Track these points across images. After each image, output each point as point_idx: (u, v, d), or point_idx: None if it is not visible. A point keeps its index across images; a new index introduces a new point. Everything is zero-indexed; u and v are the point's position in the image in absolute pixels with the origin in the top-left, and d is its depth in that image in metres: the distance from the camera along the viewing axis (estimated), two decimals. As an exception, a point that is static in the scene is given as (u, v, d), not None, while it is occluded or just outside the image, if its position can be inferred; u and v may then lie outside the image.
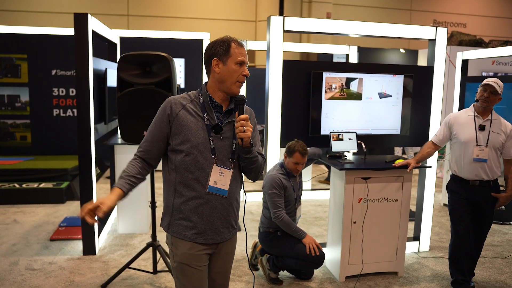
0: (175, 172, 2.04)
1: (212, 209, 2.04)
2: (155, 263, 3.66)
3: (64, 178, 6.14)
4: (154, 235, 3.62)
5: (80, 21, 3.83)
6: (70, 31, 6.33)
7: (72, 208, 5.58)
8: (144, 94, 3.24)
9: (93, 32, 4.06)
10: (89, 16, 3.86)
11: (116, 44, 5.41)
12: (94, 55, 4.08)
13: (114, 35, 5.20)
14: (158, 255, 3.67)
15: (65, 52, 6.91)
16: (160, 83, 3.25)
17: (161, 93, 3.23)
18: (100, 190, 6.44)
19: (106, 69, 4.47)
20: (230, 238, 2.17)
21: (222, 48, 2.02)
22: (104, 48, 5.46)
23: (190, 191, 2.02)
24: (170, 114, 2.02)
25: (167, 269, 3.61)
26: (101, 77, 4.39)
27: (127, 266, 3.59)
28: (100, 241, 4.36)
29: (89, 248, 4.12)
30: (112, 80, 4.59)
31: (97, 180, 6.94)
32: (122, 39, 6.12)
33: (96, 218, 1.93)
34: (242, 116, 1.95)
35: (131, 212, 4.68)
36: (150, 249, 3.84)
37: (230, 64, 2.01)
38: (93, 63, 4.04)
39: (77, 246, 4.30)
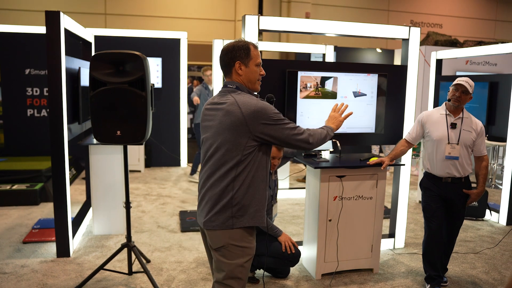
0: (260, 166, 2.30)
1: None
2: (130, 264, 3.62)
3: (38, 179, 6.03)
4: (129, 236, 3.58)
5: (52, 19, 3.76)
6: (43, 29, 6.22)
7: (46, 210, 5.48)
8: (117, 93, 3.20)
9: (66, 30, 3.99)
10: (61, 14, 3.80)
11: (90, 43, 5.34)
12: (67, 54, 4.01)
13: (88, 33, 5.12)
14: (133, 256, 3.63)
15: (39, 51, 6.76)
16: (134, 82, 3.21)
17: (135, 92, 3.20)
18: (75, 192, 6.36)
19: (79, 68, 4.41)
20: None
21: (243, 51, 2.27)
22: (79, 47, 5.39)
23: (264, 184, 2.36)
24: None
25: (142, 270, 3.57)
26: (74, 76, 4.32)
27: (101, 267, 3.54)
28: (75, 243, 4.29)
29: (63, 250, 4.05)
30: (86, 80, 4.52)
31: (72, 181, 6.85)
32: (98, 38, 6.05)
33: None
34: None
35: (106, 213, 4.62)
36: (126, 250, 3.80)
37: (251, 66, 2.30)
38: (66, 62, 3.97)
39: (51, 248, 4.23)
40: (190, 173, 7.30)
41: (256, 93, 2.37)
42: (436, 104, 6.13)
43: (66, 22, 3.97)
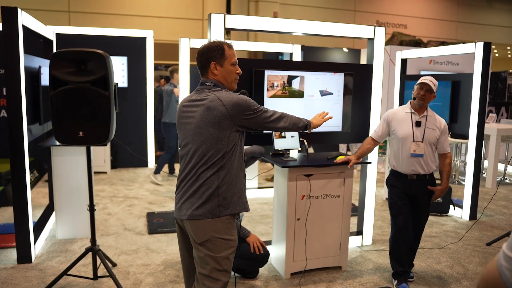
0: (237, 157, 2.39)
1: None
2: (95, 268, 3.51)
3: (-2, 182, 5.79)
4: (93, 240, 3.48)
5: (9, 15, 3.61)
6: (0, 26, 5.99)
7: (6, 215, 5.28)
8: (79, 93, 3.10)
9: (24, 27, 3.84)
10: (19, 10, 3.65)
11: (52, 41, 5.16)
12: (26, 52, 3.86)
13: (49, 31, 4.95)
14: (98, 260, 3.53)
15: (-2, 49, 6.53)
16: (96, 81, 3.12)
17: (97, 91, 3.11)
18: (38, 195, 6.15)
19: (40, 67, 4.25)
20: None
21: (218, 52, 2.33)
22: (40, 45, 5.20)
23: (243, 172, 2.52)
24: None
25: (107, 274, 3.48)
26: (34, 75, 4.16)
27: (64, 273, 3.42)
28: (37, 248, 4.14)
29: (24, 256, 3.90)
30: (47, 79, 4.37)
31: (34, 184, 6.62)
32: (60, 36, 5.86)
33: None
34: None
35: (70, 216, 4.48)
36: (91, 254, 3.70)
37: (226, 66, 2.35)
38: (25, 61, 3.82)
39: (11, 254, 4.07)
40: (154, 172, 7.08)
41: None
42: (402, 102, 6.24)
43: (25, 19, 3.82)
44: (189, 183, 2.32)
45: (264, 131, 2.50)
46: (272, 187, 6.53)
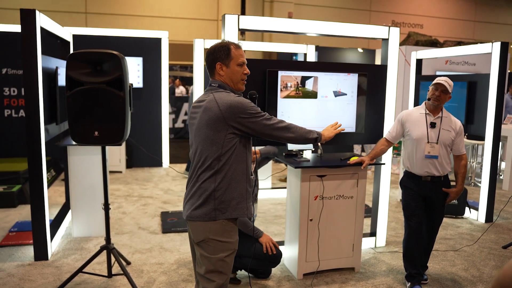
0: (242, 158, 2.36)
1: None
2: (109, 266, 3.56)
3: (15, 181, 5.90)
4: (108, 238, 3.53)
5: (27, 17, 3.68)
6: (19, 28, 6.09)
7: (24, 213, 5.37)
8: (95, 93, 3.14)
9: (42, 29, 3.91)
10: (37, 12, 3.72)
11: (69, 42, 5.24)
12: (44, 53, 3.93)
13: (66, 32, 5.03)
14: (113, 259, 3.58)
15: (17, 50, 6.63)
16: (111, 82, 3.16)
17: (112, 92, 3.15)
18: (55, 193, 6.25)
19: (57, 67, 4.32)
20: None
21: (223, 52, 2.29)
22: (57, 46, 5.29)
23: (247, 177, 2.44)
24: None
25: (122, 272, 3.52)
26: (51, 76, 4.24)
27: (80, 270, 3.48)
28: (53, 246, 4.22)
29: (41, 253, 3.97)
30: (63, 79, 4.44)
31: (51, 182, 6.73)
32: (77, 37, 5.96)
33: None
34: None
35: (85, 215, 4.55)
36: (105, 252, 3.75)
37: (232, 66, 2.31)
38: (43, 62, 3.89)
39: (28, 251, 4.14)
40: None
41: (240, 92, 2.40)
42: (417, 103, 6.19)
43: (43, 21, 3.89)
44: (191, 184, 2.36)
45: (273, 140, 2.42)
46: (285, 188, 6.54)
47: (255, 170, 3.70)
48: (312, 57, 6.48)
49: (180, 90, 13.28)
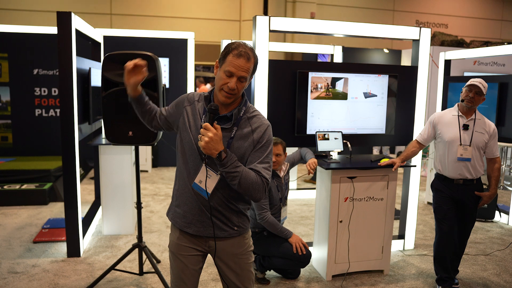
0: (178, 158, 2.16)
1: (199, 201, 2.06)
2: (141, 264, 3.63)
3: (47, 179, 6.04)
4: (140, 236, 3.59)
5: (64, 20, 3.77)
6: (52, 29, 6.24)
7: (55, 210, 5.50)
8: (130, 94, 3.19)
9: (77, 31, 4.00)
10: (73, 15, 3.80)
11: (99, 43, 5.35)
12: (77, 54, 4.02)
13: (97, 34, 5.13)
14: (144, 256, 3.64)
15: (48, 51, 6.80)
16: (146, 82, 3.20)
17: (147, 92, 3.18)
18: (84, 191, 6.37)
19: (90, 68, 4.41)
20: (227, 238, 2.12)
21: (223, 53, 1.98)
22: (88, 47, 5.40)
23: (183, 180, 2.11)
24: (182, 106, 2.18)
25: (153, 270, 3.58)
26: (84, 76, 4.33)
27: (112, 267, 3.55)
28: (85, 243, 4.31)
29: (73, 250, 4.06)
30: (95, 80, 4.54)
31: (80, 181, 6.86)
32: (105, 38, 6.06)
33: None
34: (204, 124, 1.89)
35: (116, 213, 4.63)
36: (136, 250, 3.81)
37: (221, 71, 1.97)
38: (77, 63, 3.98)
39: (61, 248, 4.24)
40: None
41: (216, 104, 1.96)
42: (445, 105, 6.10)
43: (77, 23, 3.98)
44: None
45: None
46: (311, 188, 6.54)
47: (287, 172, 3.71)
48: (339, 58, 6.46)
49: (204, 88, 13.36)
